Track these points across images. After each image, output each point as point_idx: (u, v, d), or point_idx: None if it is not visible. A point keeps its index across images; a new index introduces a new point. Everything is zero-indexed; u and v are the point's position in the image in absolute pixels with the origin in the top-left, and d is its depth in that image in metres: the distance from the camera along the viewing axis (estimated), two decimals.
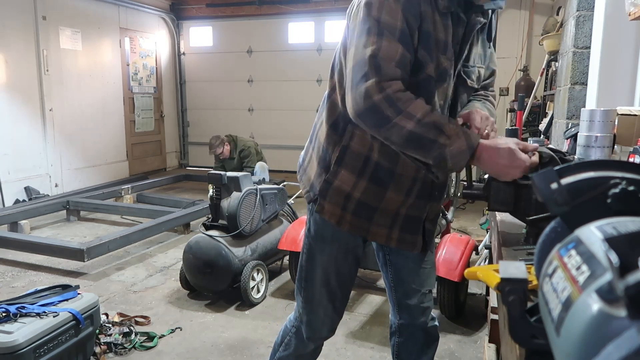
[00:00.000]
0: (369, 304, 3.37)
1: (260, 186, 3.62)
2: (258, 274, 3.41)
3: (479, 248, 3.58)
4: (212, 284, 3.31)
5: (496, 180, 1.34)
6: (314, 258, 1.67)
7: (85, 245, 3.89)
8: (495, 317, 1.79)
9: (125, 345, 2.76)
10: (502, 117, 6.47)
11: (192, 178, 7.69)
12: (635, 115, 1.83)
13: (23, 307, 2.30)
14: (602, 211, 0.64)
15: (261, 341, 2.89)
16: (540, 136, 4.64)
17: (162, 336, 2.92)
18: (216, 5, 8.72)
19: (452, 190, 2.61)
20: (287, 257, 3.65)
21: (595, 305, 0.46)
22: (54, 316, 2.31)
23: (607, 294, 0.46)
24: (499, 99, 6.43)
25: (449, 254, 2.95)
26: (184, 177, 7.78)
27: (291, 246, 3.28)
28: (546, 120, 4.88)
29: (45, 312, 2.31)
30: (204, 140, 9.12)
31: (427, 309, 1.80)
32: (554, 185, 0.73)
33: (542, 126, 4.96)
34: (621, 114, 1.86)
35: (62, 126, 6.73)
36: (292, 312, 1.83)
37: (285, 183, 5.41)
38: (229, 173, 3.56)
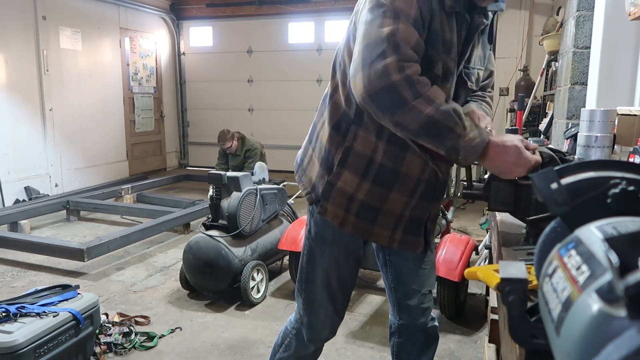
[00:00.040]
0: (369, 304, 3.37)
1: (260, 186, 3.62)
2: (258, 274, 3.42)
3: (479, 248, 3.58)
4: (212, 284, 3.31)
5: (496, 180, 1.33)
6: (315, 260, 1.66)
7: (85, 245, 3.89)
8: (495, 317, 1.79)
9: (125, 345, 2.76)
10: (502, 117, 6.47)
11: (192, 178, 7.69)
12: (635, 115, 1.83)
13: (23, 307, 2.30)
14: (602, 211, 0.64)
15: (261, 341, 2.90)
16: (540, 136, 4.64)
17: (162, 336, 2.92)
18: (216, 5, 8.71)
19: (452, 190, 2.61)
20: (287, 257, 3.65)
21: (595, 305, 0.46)
22: (54, 316, 2.31)
23: (607, 294, 0.46)
24: (499, 99, 6.43)
25: (449, 254, 2.95)
26: (184, 177, 7.78)
27: (291, 246, 3.28)
28: (546, 120, 4.88)
29: (45, 312, 2.31)
30: (204, 140, 9.19)
31: (427, 310, 1.79)
32: (554, 185, 0.73)
33: (542, 126, 4.96)
34: (621, 114, 1.86)
35: (62, 126, 6.73)
36: (293, 314, 1.82)
37: (285, 183, 5.39)
38: (229, 173, 3.56)
